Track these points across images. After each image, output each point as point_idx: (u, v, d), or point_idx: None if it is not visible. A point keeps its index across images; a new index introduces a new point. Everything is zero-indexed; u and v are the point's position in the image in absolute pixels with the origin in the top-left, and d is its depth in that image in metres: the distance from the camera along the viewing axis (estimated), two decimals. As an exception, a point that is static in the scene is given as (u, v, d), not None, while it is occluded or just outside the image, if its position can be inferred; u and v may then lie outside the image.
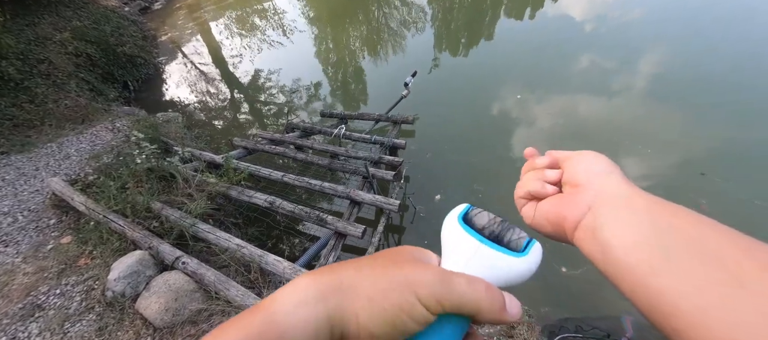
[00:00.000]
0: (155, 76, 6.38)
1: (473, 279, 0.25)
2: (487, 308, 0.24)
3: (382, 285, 0.24)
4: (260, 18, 8.62)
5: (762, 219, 2.51)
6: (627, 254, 0.26)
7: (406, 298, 0.23)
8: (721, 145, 3.10)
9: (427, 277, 0.24)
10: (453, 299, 0.24)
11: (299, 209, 2.43)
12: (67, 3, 5.94)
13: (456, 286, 0.24)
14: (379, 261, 0.26)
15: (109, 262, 2.08)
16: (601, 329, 1.70)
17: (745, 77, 3.76)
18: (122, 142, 3.27)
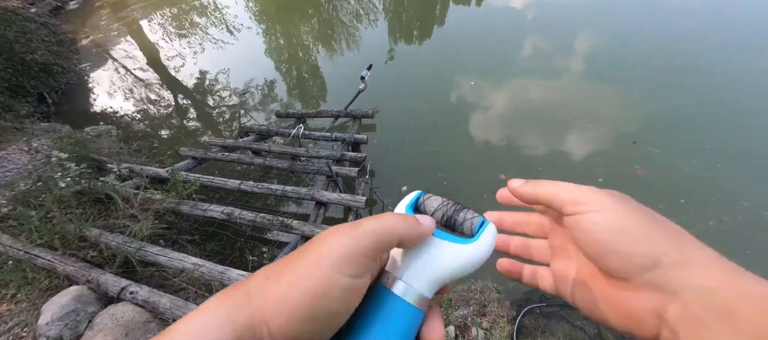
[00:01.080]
0: (78, 85, 5.62)
1: (377, 216, 0.25)
2: (404, 232, 0.25)
3: (291, 279, 0.22)
4: (199, 15, 7.95)
5: (688, 181, 2.87)
6: None
7: (318, 276, 0.22)
8: (650, 117, 3.48)
9: (335, 241, 0.23)
10: (365, 244, 0.23)
11: (260, 217, 2.30)
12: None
13: (364, 229, 0.24)
14: (290, 257, 0.24)
15: (37, 304, 1.80)
16: (561, 296, 1.84)
17: (667, 56, 4.25)
18: (42, 165, 2.83)
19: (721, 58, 4.07)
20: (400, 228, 0.25)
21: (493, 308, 2.02)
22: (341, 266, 0.22)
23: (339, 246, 0.23)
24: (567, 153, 3.28)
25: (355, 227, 0.24)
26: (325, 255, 0.22)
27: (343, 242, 0.23)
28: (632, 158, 3.08)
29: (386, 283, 0.26)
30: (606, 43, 4.72)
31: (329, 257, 0.22)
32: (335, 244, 0.23)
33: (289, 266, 0.23)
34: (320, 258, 0.22)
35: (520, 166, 3.22)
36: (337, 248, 0.23)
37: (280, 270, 0.23)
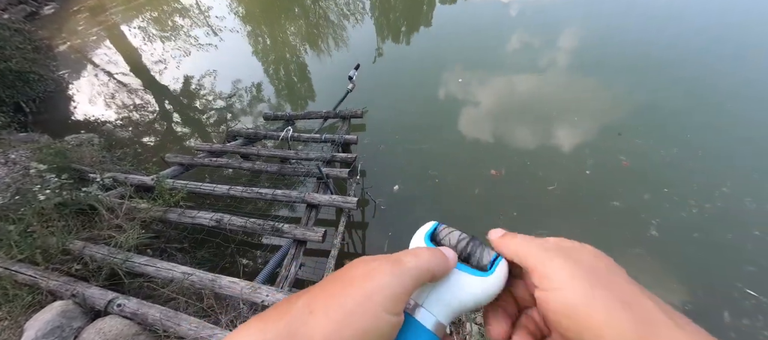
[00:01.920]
0: (57, 92, 5.44)
1: (414, 251, 0.27)
2: (436, 268, 0.27)
3: (341, 316, 0.21)
4: (182, 17, 7.78)
5: (671, 170, 2.96)
6: None
7: (370, 315, 0.22)
8: (634, 109, 3.56)
9: (384, 280, 0.23)
10: (409, 283, 0.24)
11: (251, 222, 2.27)
12: None
13: (407, 267, 0.25)
14: (330, 287, 0.24)
15: (21, 321, 1.74)
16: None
17: (648, 50, 4.35)
18: (21, 177, 2.73)
19: (701, 49, 4.20)
20: (435, 265, 0.27)
21: (487, 303, 2.04)
22: (389, 304, 0.23)
23: (388, 286, 0.23)
24: (555, 146, 3.33)
25: (398, 263, 0.25)
26: (376, 293, 0.23)
27: (391, 282, 0.23)
28: (618, 150, 3.15)
29: (408, 309, 0.27)
30: (589, 38, 4.81)
31: (380, 294, 0.23)
32: (385, 282, 0.23)
33: (335, 298, 0.23)
34: (371, 296, 0.22)
35: (509, 161, 3.26)
36: (387, 287, 0.23)
37: (324, 302, 0.22)
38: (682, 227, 2.61)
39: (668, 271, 2.41)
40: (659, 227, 2.62)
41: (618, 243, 2.56)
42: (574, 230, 2.73)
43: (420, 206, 3.11)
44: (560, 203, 2.89)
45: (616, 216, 2.75)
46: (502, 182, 3.09)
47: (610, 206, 2.81)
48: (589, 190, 2.96)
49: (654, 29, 4.70)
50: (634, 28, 4.76)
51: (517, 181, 3.08)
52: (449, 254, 0.29)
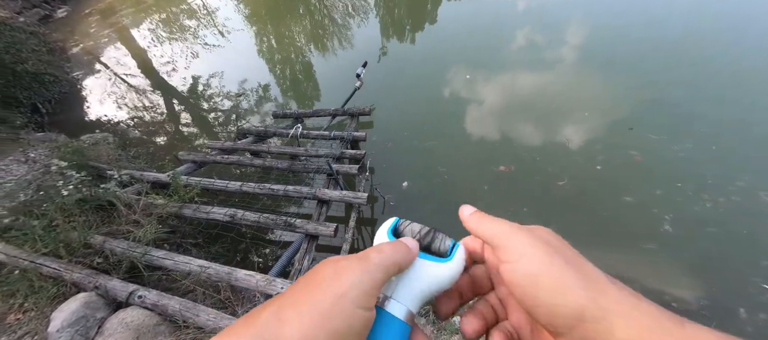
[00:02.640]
0: (72, 93, 5.57)
1: (378, 247, 0.28)
2: (401, 259, 0.28)
3: (313, 317, 0.22)
4: (190, 18, 7.89)
5: (685, 165, 2.92)
6: None
7: (344, 314, 0.22)
8: (645, 103, 3.52)
9: (354, 276, 0.24)
10: (378, 277, 0.25)
11: (264, 217, 2.31)
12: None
13: (375, 263, 0.26)
14: (299, 292, 0.24)
15: (46, 312, 1.80)
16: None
17: (659, 42, 4.29)
18: (41, 175, 2.81)
19: (716, 42, 4.12)
20: (400, 256, 0.28)
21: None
22: (362, 300, 0.23)
23: (359, 282, 0.24)
24: (565, 142, 3.31)
25: (365, 260, 0.26)
26: (348, 291, 0.23)
27: (362, 278, 0.24)
28: (630, 145, 3.12)
29: (378, 302, 0.28)
30: (599, 33, 4.75)
31: (352, 292, 0.23)
32: (355, 280, 0.24)
33: (305, 302, 0.23)
34: (343, 294, 0.23)
35: (518, 157, 3.25)
36: (357, 284, 0.24)
37: (294, 308, 0.22)
38: (696, 221, 2.58)
39: (682, 266, 2.38)
40: (673, 222, 2.59)
41: (631, 238, 2.54)
42: (584, 224, 2.71)
43: (429, 202, 3.12)
44: (571, 198, 2.87)
45: (628, 211, 2.72)
46: (512, 178, 3.09)
47: (622, 201, 2.78)
48: (601, 185, 2.94)
49: (666, 21, 4.62)
50: (645, 22, 4.69)
51: (527, 177, 3.07)
52: (411, 243, 0.30)
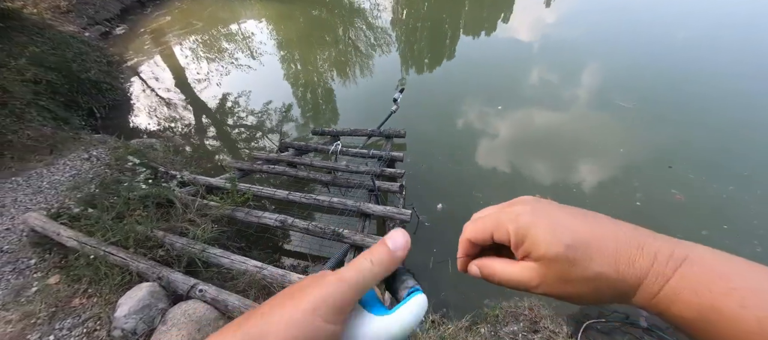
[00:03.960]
0: (123, 102, 5.99)
1: (353, 261, 0.27)
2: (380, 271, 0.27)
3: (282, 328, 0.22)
4: (228, 41, 8.53)
5: (729, 207, 2.88)
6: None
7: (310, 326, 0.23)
8: (685, 142, 3.54)
9: (327, 290, 0.24)
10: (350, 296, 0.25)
11: (313, 225, 2.40)
12: (20, 29, 5.51)
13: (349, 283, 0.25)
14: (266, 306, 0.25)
15: (110, 299, 1.89)
16: (619, 311, 1.83)
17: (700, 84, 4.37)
18: (103, 171, 3.02)
19: (752, 86, 4.16)
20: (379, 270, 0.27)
21: (547, 324, 2.02)
22: (331, 315, 0.23)
23: (331, 296, 0.24)
24: (602, 175, 3.33)
25: (338, 274, 0.25)
26: (320, 305, 0.23)
27: (333, 293, 0.24)
28: (669, 183, 3.11)
29: None
30: (638, 71, 4.87)
31: (324, 306, 0.23)
32: (327, 293, 0.24)
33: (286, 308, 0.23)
34: (315, 308, 0.23)
35: (555, 187, 3.28)
36: (330, 298, 0.24)
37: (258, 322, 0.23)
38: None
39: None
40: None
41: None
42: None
43: (464, 225, 3.14)
44: (611, 231, 2.84)
45: (672, 249, 2.67)
46: (549, 207, 3.10)
47: (666, 238, 2.74)
48: (641, 222, 2.74)
49: (707, 65, 4.72)
50: (686, 63, 4.81)
51: (565, 207, 3.08)
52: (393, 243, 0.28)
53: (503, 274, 0.30)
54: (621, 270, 0.25)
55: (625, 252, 0.25)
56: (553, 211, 0.28)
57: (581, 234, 0.26)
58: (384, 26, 8.28)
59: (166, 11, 9.73)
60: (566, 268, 0.26)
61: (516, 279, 0.29)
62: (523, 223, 0.28)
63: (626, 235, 0.26)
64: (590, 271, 0.25)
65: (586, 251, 0.25)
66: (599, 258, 0.25)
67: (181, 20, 9.30)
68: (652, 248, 0.25)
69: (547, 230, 0.27)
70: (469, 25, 7.82)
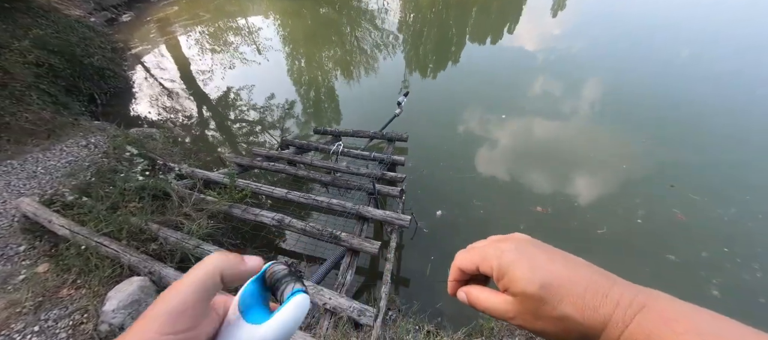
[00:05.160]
0: (125, 90, 5.95)
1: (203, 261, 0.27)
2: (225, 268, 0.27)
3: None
4: (234, 34, 8.51)
5: (730, 229, 2.86)
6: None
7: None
8: (688, 163, 3.52)
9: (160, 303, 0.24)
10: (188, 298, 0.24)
11: (310, 226, 2.36)
12: (24, 10, 5.47)
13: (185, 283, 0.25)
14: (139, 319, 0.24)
15: (99, 291, 1.84)
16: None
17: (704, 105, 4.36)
18: (101, 159, 2.97)
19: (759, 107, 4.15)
20: (220, 265, 0.27)
21: None
22: (167, 326, 0.23)
23: (163, 307, 0.24)
24: (604, 190, 3.31)
25: (182, 280, 0.25)
26: (151, 320, 0.23)
27: (166, 303, 0.24)
28: (671, 202, 3.09)
29: None
30: (639, 87, 4.86)
31: (155, 322, 0.23)
32: (160, 306, 0.24)
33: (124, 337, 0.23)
34: (145, 325, 0.23)
35: (555, 200, 3.25)
36: (161, 310, 0.23)
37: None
38: (746, 290, 2.48)
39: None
40: (721, 288, 2.50)
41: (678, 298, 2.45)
42: (627, 277, 2.63)
43: (462, 234, 3.11)
44: (611, 248, 2.82)
45: (672, 270, 2.64)
46: (549, 219, 3.07)
47: (666, 258, 2.71)
48: (642, 239, 2.88)
49: (712, 87, 4.71)
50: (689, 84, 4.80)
51: (565, 220, 3.05)
52: (251, 260, 0.29)
53: (485, 302, 0.33)
54: (586, 315, 0.27)
55: (592, 298, 0.27)
56: (536, 252, 0.31)
57: (555, 277, 0.28)
58: (390, 29, 8.28)
59: (174, 1, 9.71)
60: (538, 306, 0.28)
61: (495, 309, 0.32)
62: (506, 260, 0.31)
63: (596, 282, 0.28)
64: (558, 311, 0.28)
65: (557, 292, 0.28)
66: (568, 301, 0.27)
67: (188, 10, 9.28)
68: (616, 295, 0.27)
69: (525, 269, 0.29)
70: (475, 32, 7.83)
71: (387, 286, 2.08)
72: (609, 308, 0.26)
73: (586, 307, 0.27)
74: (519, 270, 0.29)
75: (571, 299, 0.27)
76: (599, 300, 0.27)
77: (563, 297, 0.27)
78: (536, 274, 0.29)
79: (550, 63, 5.92)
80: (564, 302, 0.27)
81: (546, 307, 0.28)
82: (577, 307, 0.27)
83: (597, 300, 0.27)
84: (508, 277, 0.30)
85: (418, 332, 1.96)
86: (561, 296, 0.27)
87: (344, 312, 1.80)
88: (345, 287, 2.05)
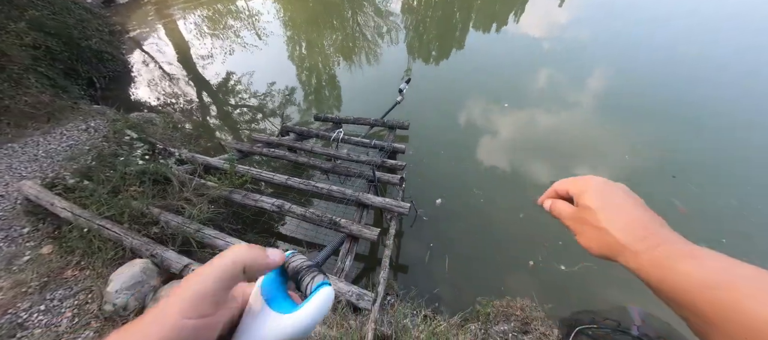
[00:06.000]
0: (124, 73, 5.90)
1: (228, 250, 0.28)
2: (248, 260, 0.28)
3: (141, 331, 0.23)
4: (235, 19, 8.36)
5: (730, 221, 2.87)
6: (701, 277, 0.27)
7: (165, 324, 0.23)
8: (689, 154, 3.50)
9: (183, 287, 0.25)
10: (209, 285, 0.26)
11: (310, 212, 2.37)
12: (19, -10, 5.36)
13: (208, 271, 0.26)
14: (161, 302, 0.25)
15: (102, 273, 1.88)
16: (612, 319, 1.83)
17: (707, 97, 4.30)
18: (101, 143, 2.97)
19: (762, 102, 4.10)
20: (244, 257, 0.28)
21: (538, 327, 2.02)
22: (188, 310, 0.24)
23: (186, 292, 0.25)
24: (604, 181, 3.30)
25: (206, 267, 0.26)
26: (174, 303, 0.24)
27: (189, 288, 0.25)
28: (673, 193, 3.09)
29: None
30: (644, 78, 4.79)
31: (177, 305, 0.24)
32: (183, 291, 0.25)
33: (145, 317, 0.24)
34: (168, 308, 0.24)
35: (555, 189, 3.25)
36: (185, 295, 0.25)
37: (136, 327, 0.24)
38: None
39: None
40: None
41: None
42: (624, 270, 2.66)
43: (461, 222, 3.13)
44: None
45: (669, 259, 2.66)
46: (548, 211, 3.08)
47: (663, 248, 2.73)
48: None
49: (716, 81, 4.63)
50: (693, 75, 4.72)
51: (565, 210, 3.06)
52: (273, 253, 0.30)
53: (559, 207, 0.43)
54: (619, 234, 0.34)
55: (633, 226, 0.34)
56: (607, 186, 0.39)
57: (613, 203, 0.36)
58: (393, 12, 8.11)
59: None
60: (589, 215, 0.37)
61: (562, 212, 0.42)
62: (586, 186, 0.40)
63: (645, 219, 0.35)
64: (601, 223, 0.36)
65: (610, 213, 0.36)
66: (613, 220, 0.35)
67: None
68: (654, 230, 0.33)
69: (594, 192, 0.38)
70: (479, 18, 7.67)
71: (385, 271, 2.11)
72: (641, 234, 0.33)
73: (624, 229, 0.34)
74: (593, 190, 0.38)
75: (617, 221, 0.35)
76: (639, 229, 0.33)
77: (612, 217, 0.35)
78: (602, 196, 0.37)
79: (554, 52, 5.82)
80: (610, 220, 0.35)
81: (594, 217, 0.36)
82: (618, 225, 0.34)
83: (637, 228, 0.33)
84: (584, 193, 0.39)
85: (415, 317, 2.00)
86: (611, 216, 0.35)
87: (343, 296, 1.83)
88: (344, 272, 2.08)
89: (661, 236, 0.32)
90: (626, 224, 0.34)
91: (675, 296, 0.28)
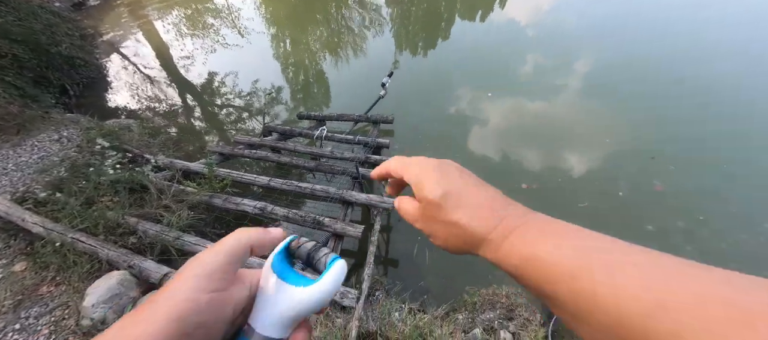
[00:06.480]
0: (99, 79, 5.70)
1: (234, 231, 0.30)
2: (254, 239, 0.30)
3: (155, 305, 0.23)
4: (214, 17, 8.13)
5: (707, 199, 2.95)
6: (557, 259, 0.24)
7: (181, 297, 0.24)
8: (668, 134, 3.57)
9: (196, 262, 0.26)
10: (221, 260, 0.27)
11: (293, 213, 2.35)
12: (-24, -5, 5.10)
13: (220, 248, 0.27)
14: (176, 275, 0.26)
15: (79, 287, 1.83)
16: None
17: (684, 76, 4.37)
18: (75, 153, 2.88)
19: (739, 78, 4.20)
20: (249, 234, 0.30)
21: (522, 313, 2.05)
22: (203, 283, 0.25)
23: (199, 267, 0.26)
24: (587, 166, 3.35)
25: (215, 246, 0.28)
26: (187, 278, 0.25)
27: (202, 264, 0.26)
28: (651, 173, 3.16)
29: (246, 333, 0.29)
30: (623, 61, 4.85)
31: (191, 280, 0.25)
32: (195, 267, 0.26)
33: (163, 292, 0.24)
34: (181, 283, 0.25)
35: (541, 176, 3.29)
36: (198, 270, 0.25)
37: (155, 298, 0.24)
38: (720, 257, 2.59)
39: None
40: (695, 255, 2.60)
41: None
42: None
43: (448, 214, 3.14)
44: (592, 220, 2.89)
45: (649, 240, 2.73)
46: (534, 195, 3.12)
47: (644, 229, 2.80)
48: (622, 211, 2.96)
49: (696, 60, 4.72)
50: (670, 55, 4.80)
51: (550, 196, 3.10)
52: (274, 231, 0.32)
53: (404, 206, 0.37)
54: (473, 224, 0.30)
55: (483, 212, 0.30)
56: (451, 170, 0.34)
57: (456, 189, 0.32)
58: (378, 3, 7.99)
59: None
60: (436, 211, 0.32)
61: (407, 212, 0.37)
62: (424, 173, 0.34)
63: (494, 201, 0.31)
64: (450, 217, 0.31)
65: (455, 201, 0.31)
66: (462, 210, 0.31)
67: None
68: (504, 213, 0.30)
69: (434, 180, 0.33)
70: (464, 8, 7.61)
71: (370, 268, 2.11)
72: (494, 222, 0.29)
73: (475, 217, 0.30)
74: (430, 181, 0.33)
75: (465, 210, 0.31)
76: (489, 214, 0.30)
77: (459, 207, 0.31)
78: (441, 185, 0.32)
79: (538, 40, 5.84)
80: (458, 211, 0.31)
81: (441, 212, 0.32)
82: (467, 216, 0.30)
83: (487, 214, 0.30)
84: (420, 185, 0.34)
85: (402, 311, 2.01)
86: (457, 205, 0.31)
87: (328, 296, 1.82)
88: (329, 272, 2.07)
89: (512, 217, 0.29)
90: (475, 212, 0.30)
91: (542, 291, 0.25)
